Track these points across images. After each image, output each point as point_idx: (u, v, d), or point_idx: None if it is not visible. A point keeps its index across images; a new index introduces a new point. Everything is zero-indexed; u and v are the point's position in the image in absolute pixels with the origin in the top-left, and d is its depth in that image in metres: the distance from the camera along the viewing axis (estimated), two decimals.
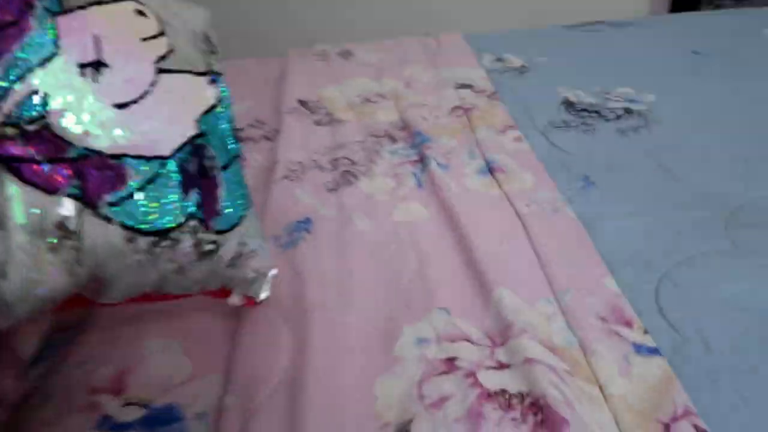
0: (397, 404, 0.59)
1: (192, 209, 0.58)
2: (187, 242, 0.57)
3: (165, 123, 0.62)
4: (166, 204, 0.56)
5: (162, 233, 0.55)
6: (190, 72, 0.66)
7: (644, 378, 0.60)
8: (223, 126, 0.69)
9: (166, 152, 0.61)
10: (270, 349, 0.67)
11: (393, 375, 0.62)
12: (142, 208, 0.55)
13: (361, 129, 1.11)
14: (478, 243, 0.78)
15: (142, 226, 0.54)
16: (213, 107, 0.67)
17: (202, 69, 0.67)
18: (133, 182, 0.55)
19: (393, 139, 1.07)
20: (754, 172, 0.92)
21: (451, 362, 0.63)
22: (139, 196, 0.55)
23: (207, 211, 0.60)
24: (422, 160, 0.98)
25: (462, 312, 0.70)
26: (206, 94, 0.67)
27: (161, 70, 0.62)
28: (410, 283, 0.74)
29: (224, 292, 0.69)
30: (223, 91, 0.69)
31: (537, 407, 0.57)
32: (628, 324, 0.67)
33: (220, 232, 0.61)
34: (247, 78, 1.37)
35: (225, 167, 0.66)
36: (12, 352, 0.66)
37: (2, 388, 0.62)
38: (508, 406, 0.58)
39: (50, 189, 0.50)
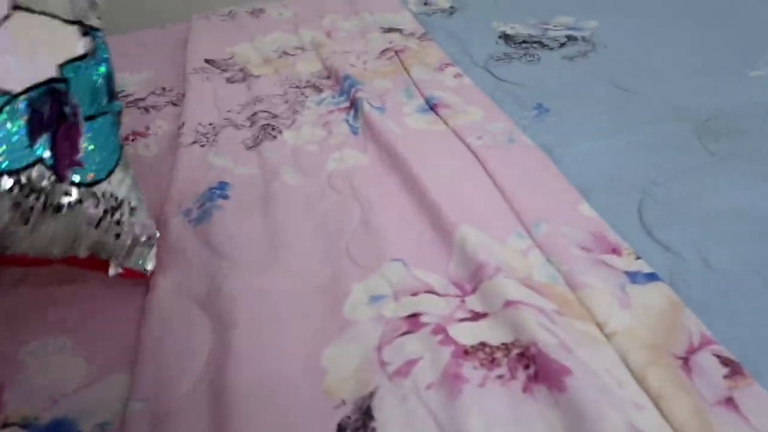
0: (353, 376, 0.46)
1: (40, 152, 0.43)
2: (31, 188, 0.43)
3: (17, 59, 0.49)
4: (7, 142, 0.41)
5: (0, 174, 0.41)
6: (56, 17, 0.57)
7: (648, 308, 0.50)
8: (95, 79, 0.58)
9: (17, 88, 0.47)
10: (184, 339, 0.53)
11: (345, 341, 0.49)
12: None
13: (280, 82, 0.97)
14: (428, 183, 0.66)
15: None
16: (82, 57, 0.56)
17: (71, 18, 0.56)
18: None
19: (318, 89, 0.94)
20: (719, 82, 0.84)
21: (414, 319, 0.51)
22: None
23: (61, 159, 0.46)
24: (353, 105, 0.85)
25: (420, 261, 0.57)
26: (75, 43, 0.58)
27: (17, 7, 0.55)
28: (355, 236, 0.61)
29: (100, 263, 0.55)
30: (100, 47, 0.59)
31: (527, 358, 0.46)
32: (616, 251, 0.57)
33: (77, 185, 0.47)
34: (148, 48, 1.21)
35: (91, 117, 0.52)
36: None
37: None
38: (492, 362, 0.47)
39: None
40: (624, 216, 0.62)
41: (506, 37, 1.07)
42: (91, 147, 0.50)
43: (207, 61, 1.05)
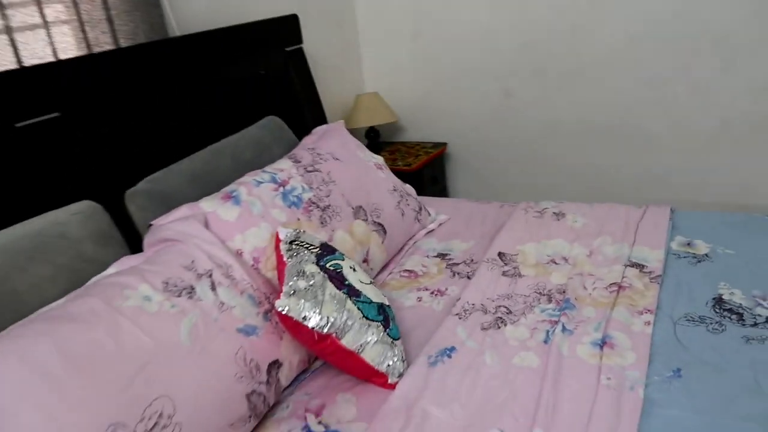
0: None
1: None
2: None
3: None
4: None
5: None
6: None
7: None
8: None
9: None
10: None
11: None
12: None
13: (533, 285, 1.50)
14: (554, 399, 1.11)
15: None
16: None
17: None
18: None
19: (549, 299, 1.43)
20: None
21: None
22: None
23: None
24: (558, 322, 1.33)
25: None
26: None
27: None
28: (488, 406, 1.12)
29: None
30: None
31: None
32: None
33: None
34: (482, 222, 1.87)
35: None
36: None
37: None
38: None
39: None
40: None
41: (718, 301, 1.36)
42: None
43: (499, 253, 1.65)
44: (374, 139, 2.98)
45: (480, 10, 2.69)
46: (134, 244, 1.37)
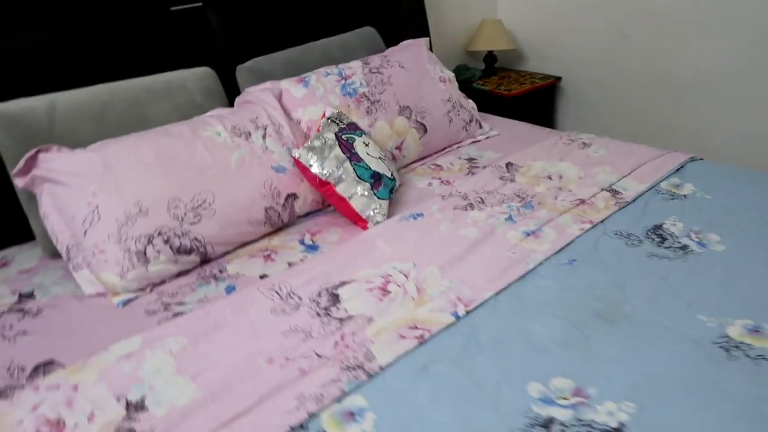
0: None
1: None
2: None
3: None
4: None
5: None
6: None
7: None
8: None
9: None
10: None
11: None
12: None
13: (517, 190, 1.82)
14: (468, 255, 1.50)
15: None
16: None
17: None
18: None
19: (520, 200, 1.76)
20: None
21: None
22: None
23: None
24: (510, 214, 1.67)
25: None
26: None
27: None
28: (418, 248, 1.54)
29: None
30: None
31: None
32: None
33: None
34: None
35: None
36: None
37: None
38: None
39: None
40: None
41: (657, 228, 1.59)
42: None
43: (507, 164, 1.97)
44: (491, 63, 3.27)
45: None
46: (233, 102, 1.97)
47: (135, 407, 1.11)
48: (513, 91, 2.99)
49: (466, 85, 3.09)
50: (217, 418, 1.07)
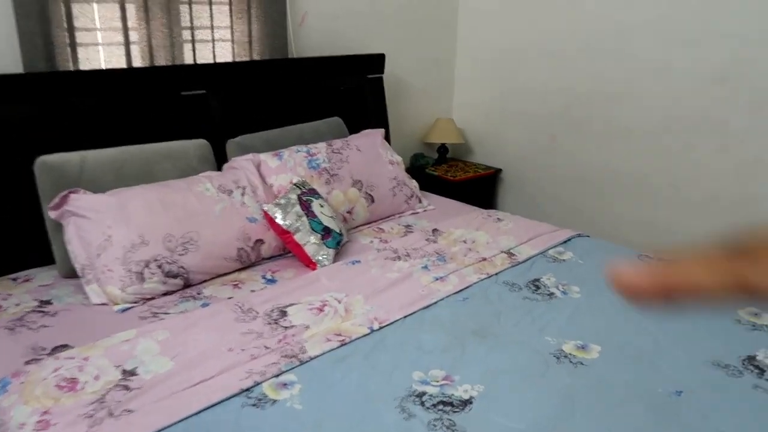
0: None
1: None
2: None
3: None
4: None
5: None
6: None
7: None
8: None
9: None
10: None
11: None
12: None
13: (436, 248, 2.34)
14: (385, 287, 1.98)
15: None
16: None
17: None
18: None
19: (437, 256, 2.27)
20: None
21: None
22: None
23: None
24: (426, 266, 2.17)
25: None
26: None
27: None
28: (352, 282, 2.02)
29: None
30: None
31: None
32: None
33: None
34: None
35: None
36: None
37: None
38: None
39: None
40: None
41: (536, 280, 2.10)
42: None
43: (433, 230, 2.50)
44: (443, 154, 3.88)
45: (542, 71, 3.48)
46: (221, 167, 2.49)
47: (129, 373, 1.54)
48: (457, 177, 3.57)
49: (420, 170, 3.66)
50: (188, 381, 1.51)
